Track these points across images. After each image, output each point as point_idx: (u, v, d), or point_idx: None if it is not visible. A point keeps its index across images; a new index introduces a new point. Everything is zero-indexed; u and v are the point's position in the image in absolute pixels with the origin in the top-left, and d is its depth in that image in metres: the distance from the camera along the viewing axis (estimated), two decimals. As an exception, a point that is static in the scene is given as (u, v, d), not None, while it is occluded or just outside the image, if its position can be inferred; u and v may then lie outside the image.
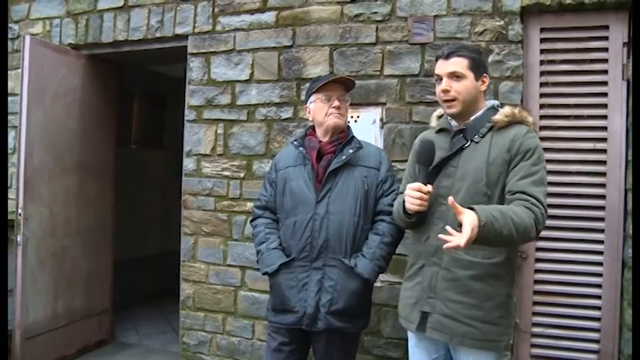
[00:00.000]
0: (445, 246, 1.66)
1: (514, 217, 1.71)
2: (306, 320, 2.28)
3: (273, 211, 2.50)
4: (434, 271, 2.00)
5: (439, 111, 2.21)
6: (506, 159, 1.91)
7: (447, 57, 2.02)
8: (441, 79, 2.03)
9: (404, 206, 2.01)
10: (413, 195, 1.92)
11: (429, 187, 1.93)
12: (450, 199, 1.69)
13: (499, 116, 1.98)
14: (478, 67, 2.02)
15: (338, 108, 2.40)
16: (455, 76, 2.00)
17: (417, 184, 1.93)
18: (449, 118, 2.11)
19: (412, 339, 2.17)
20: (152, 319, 5.05)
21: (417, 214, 1.98)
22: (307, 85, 3.10)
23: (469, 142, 2.00)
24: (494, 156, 1.92)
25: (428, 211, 2.00)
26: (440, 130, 2.15)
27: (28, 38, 3.52)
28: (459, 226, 1.67)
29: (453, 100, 2.00)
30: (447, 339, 1.97)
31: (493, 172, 1.91)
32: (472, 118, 2.04)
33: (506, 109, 1.99)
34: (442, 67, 2.03)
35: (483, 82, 2.05)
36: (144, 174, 5.86)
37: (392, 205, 2.28)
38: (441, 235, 1.70)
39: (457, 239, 1.63)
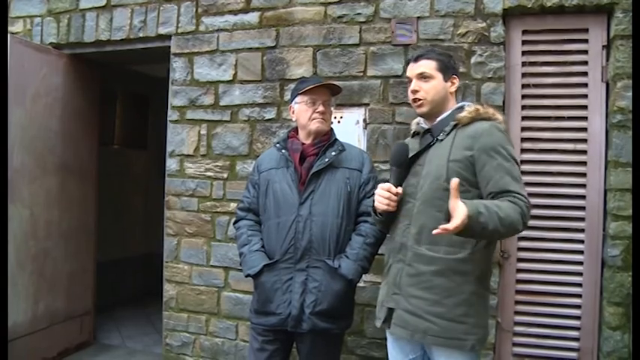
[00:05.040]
0: (434, 232, 1.69)
1: (499, 212, 1.73)
2: (291, 322, 2.29)
3: (256, 213, 2.50)
4: (399, 268, 2.03)
5: (419, 117, 2.23)
6: (467, 155, 1.92)
7: (416, 60, 2.12)
8: (411, 81, 2.11)
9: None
10: (382, 194, 2.02)
11: (399, 190, 2.01)
12: (454, 180, 1.69)
13: (463, 113, 1.99)
14: (447, 69, 2.09)
15: (322, 113, 2.41)
16: (423, 77, 2.08)
17: (387, 185, 2.03)
18: (422, 120, 2.17)
19: (389, 339, 2.17)
20: (135, 321, 5.01)
21: (387, 213, 2.05)
22: (291, 85, 3.12)
23: (434, 140, 2.04)
24: (455, 152, 1.94)
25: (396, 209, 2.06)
26: (415, 134, 2.21)
27: (8, 37, 3.46)
28: (446, 220, 1.69)
29: (422, 100, 2.07)
30: (408, 335, 1.96)
31: (454, 168, 1.91)
32: (439, 118, 2.08)
33: (471, 107, 2.01)
34: (412, 69, 2.13)
35: (453, 82, 2.10)
36: (126, 174, 5.82)
37: (374, 206, 2.28)
38: (435, 231, 1.70)
39: (447, 225, 1.65)
